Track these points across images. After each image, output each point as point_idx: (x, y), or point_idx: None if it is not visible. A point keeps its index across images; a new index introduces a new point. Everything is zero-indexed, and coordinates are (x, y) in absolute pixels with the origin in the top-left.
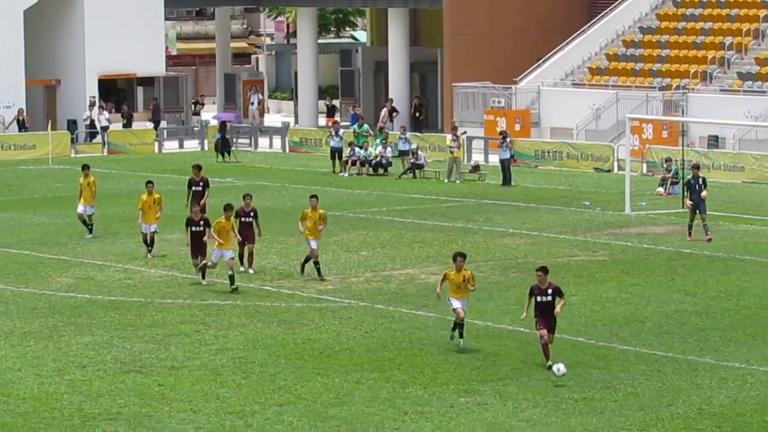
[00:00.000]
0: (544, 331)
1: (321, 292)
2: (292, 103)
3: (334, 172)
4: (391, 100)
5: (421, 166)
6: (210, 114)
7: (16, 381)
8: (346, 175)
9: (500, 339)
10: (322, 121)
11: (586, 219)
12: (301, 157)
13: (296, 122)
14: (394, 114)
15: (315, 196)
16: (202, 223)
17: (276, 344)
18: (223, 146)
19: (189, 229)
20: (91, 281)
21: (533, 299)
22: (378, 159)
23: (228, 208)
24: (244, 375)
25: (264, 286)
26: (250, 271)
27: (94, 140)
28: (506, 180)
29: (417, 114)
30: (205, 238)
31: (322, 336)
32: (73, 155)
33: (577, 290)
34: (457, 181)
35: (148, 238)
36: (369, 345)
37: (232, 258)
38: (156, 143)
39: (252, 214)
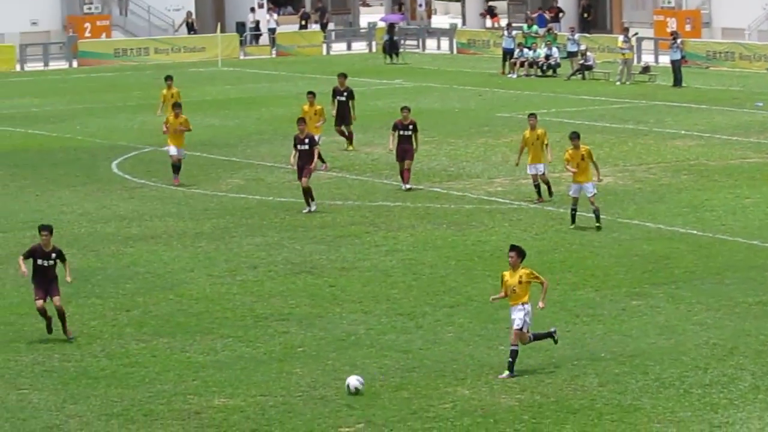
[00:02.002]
0: None
1: (491, 194)
2: (459, 4)
3: (503, 73)
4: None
5: (590, 67)
6: (378, 16)
7: (188, 281)
8: (515, 76)
9: (672, 241)
10: (489, 22)
11: (759, 120)
12: (468, 58)
13: (464, 23)
14: (561, 15)
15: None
16: (308, 141)
17: (446, 246)
18: (391, 48)
19: (295, 147)
20: (261, 183)
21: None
22: (546, 60)
23: None
24: (414, 276)
25: (433, 187)
26: (404, 186)
27: (260, 42)
28: (677, 81)
29: (585, 15)
30: (312, 165)
31: (492, 238)
32: (241, 57)
33: (751, 192)
34: (627, 83)
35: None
36: (539, 247)
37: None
38: (324, 45)
39: (411, 127)
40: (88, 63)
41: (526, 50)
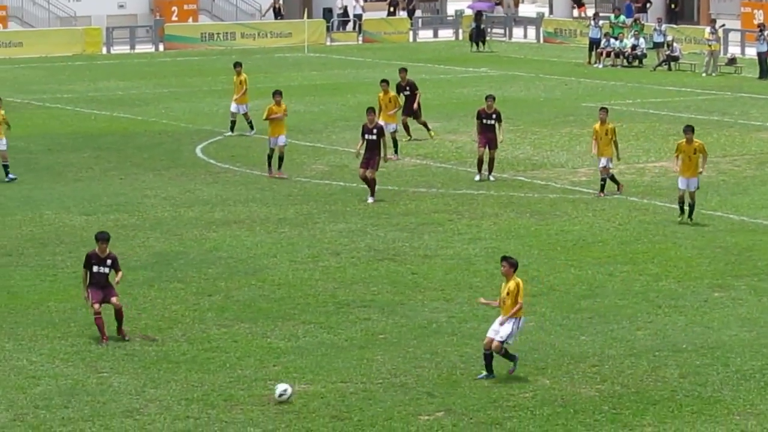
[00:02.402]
0: None
1: (574, 184)
2: None
3: (589, 62)
4: None
5: (676, 58)
6: (465, 3)
7: (271, 267)
8: (601, 66)
9: (755, 234)
10: (576, 12)
11: None
12: (555, 47)
13: (551, 12)
14: (648, 5)
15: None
16: (376, 131)
17: (529, 235)
18: (477, 36)
19: (363, 137)
20: (345, 169)
21: None
22: (632, 51)
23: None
24: (496, 265)
25: (517, 176)
26: (487, 177)
27: (347, 28)
28: (763, 73)
29: (673, 5)
30: (388, 156)
31: (575, 228)
32: (328, 43)
33: None
34: (713, 74)
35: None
36: (622, 237)
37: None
38: (411, 32)
39: (495, 116)
40: (175, 47)
41: (612, 40)
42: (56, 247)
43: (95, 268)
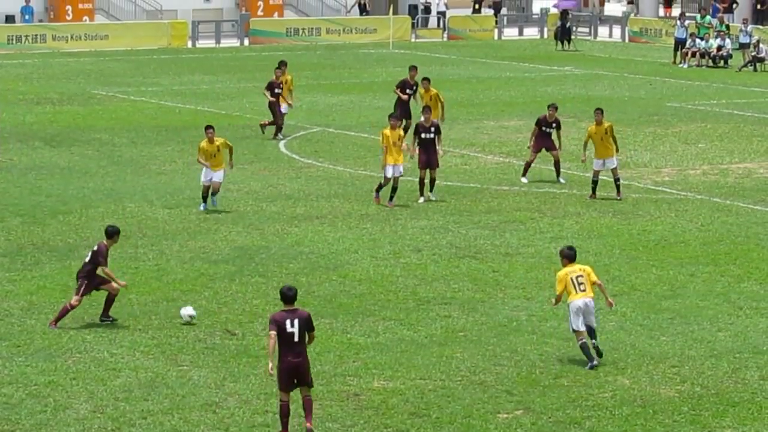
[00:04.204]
0: None
1: (657, 184)
2: None
3: (674, 62)
4: None
5: (762, 59)
6: (551, 2)
7: (352, 263)
8: (686, 66)
9: None
10: (662, 11)
11: None
12: (640, 47)
13: (637, 12)
14: (734, 6)
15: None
16: (433, 129)
17: (611, 234)
18: (563, 34)
19: (419, 136)
20: None
21: None
22: (718, 51)
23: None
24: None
25: (600, 176)
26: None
27: (430, 25)
28: None
29: (759, 5)
30: (440, 154)
31: (658, 228)
32: (413, 40)
33: None
34: None
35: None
36: (704, 238)
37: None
38: (496, 30)
39: (554, 125)
40: (260, 41)
41: (698, 40)
42: (138, 240)
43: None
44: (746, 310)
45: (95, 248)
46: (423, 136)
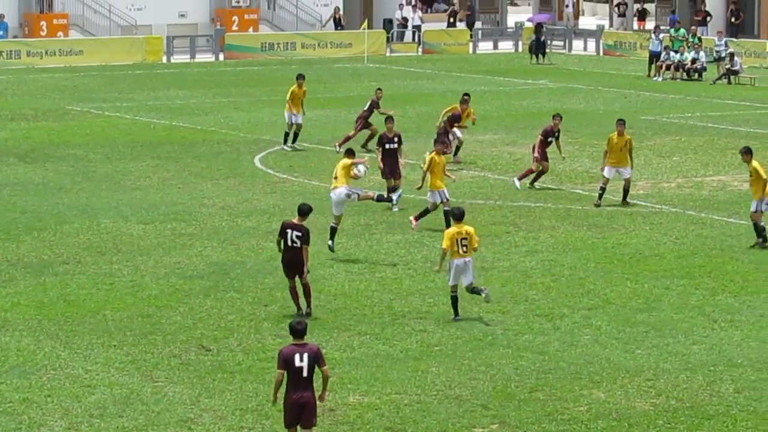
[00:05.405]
0: None
1: (632, 197)
2: (607, 5)
3: (648, 76)
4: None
5: (736, 72)
6: (525, 15)
7: (327, 277)
8: (660, 79)
9: None
10: (636, 25)
11: None
12: (614, 60)
13: (611, 25)
14: (708, 19)
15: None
16: (396, 139)
17: (585, 248)
18: (537, 48)
19: (383, 146)
20: (403, 180)
21: None
22: (692, 64)
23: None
24: (553, 278)
25: (575, 189)
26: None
27: (405, 39)
28: None
29: (733, 19)
30: (401, 163)
31: (633, 241)
32: (388, 54)
33: None
34: None
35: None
36: (679, 251)
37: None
38: (471, 44)
39: (557, 133)
40: (235, 56)
41: (672, 53)
42: (113, 256)
43: None
44: (721, 323)
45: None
46: (387, 146)
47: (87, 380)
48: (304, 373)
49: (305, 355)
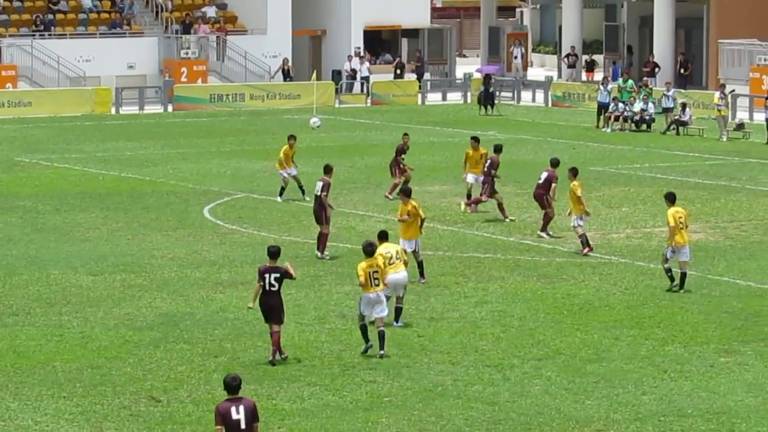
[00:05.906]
0: None
1: (579, 247)
2: (555, 57)
3: (597, 126)
4: (652, 56)
5: (685, 123)
6: (474, 66)
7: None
8: (609, 130)
9: (762, 299)
10: (584, 75)
11: None
12: (563, 111)
13: (559, 76)
14: (657, 70)
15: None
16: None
17: (535, 298)
18: (486, 99)
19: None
20: (353, 231)
21: None
22: (641, 115)
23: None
24: (503, 328)
25: (524, 240)
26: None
27: (354, 90)
28: None
29: (682, 70)
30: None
31: (582, 291)
32: (337, 105)
33: None
34: (723, 139)
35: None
36: (629, 302)
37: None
38: (419, 95)
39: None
40: (184, 107)
41: (621, 104)
42: (63, 307)
43: None
44: (671, 373)
45: None
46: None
47: (36, 431)
48: (242, 426)
49: (241, 408)
